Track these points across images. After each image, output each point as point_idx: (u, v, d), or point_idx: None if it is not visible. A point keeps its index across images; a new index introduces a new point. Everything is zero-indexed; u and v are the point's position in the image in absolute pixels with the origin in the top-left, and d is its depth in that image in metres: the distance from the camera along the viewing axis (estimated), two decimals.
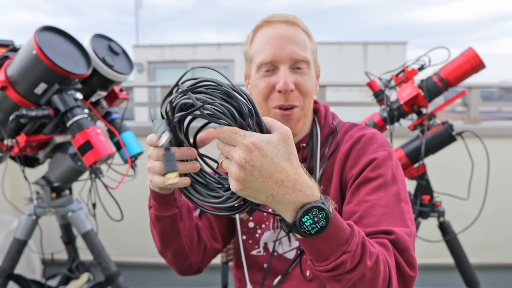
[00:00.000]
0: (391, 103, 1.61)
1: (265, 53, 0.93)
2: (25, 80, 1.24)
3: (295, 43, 0.93)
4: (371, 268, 0.68)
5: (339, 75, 8.66)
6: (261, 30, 0.96)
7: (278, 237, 1.02)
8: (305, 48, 0.94)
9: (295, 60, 0.93)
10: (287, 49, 0.92)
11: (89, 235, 1.59)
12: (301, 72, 0.94)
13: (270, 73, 0.94)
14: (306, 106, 0.96)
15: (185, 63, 8.82)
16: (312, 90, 0.97)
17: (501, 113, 8.32)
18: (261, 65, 0.94)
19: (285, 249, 1.02)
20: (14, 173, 2.13)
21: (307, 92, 0.95)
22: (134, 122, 3.19)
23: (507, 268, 2.41)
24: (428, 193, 1.66)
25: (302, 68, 0.94)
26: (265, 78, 0.94)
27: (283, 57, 0.92)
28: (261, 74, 0.95)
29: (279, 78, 0.92)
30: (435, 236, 1.71)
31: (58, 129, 1.48)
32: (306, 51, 0.94)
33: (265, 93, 0.94)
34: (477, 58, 1.53)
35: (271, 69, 0.94)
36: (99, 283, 1.68)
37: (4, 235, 2.07)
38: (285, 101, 0.93)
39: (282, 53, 0.92)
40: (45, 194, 1.55)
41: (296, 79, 0.93)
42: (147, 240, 2.49)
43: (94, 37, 1.40)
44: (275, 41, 0.93)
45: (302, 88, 0.94)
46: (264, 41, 0.94)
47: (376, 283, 0.69)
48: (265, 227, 1.03)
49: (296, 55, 0.92)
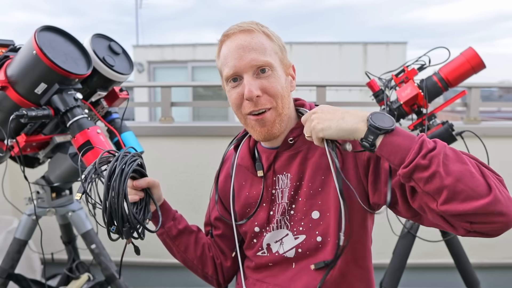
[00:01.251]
0: (391, 103, 1.61)
1: (227, 66, 0.97)
2: (25, 80, 1.24)
3: (253, 50, 0.95)
4: (452, 150, 0.79)
5: (339, 75, 8.66)
6: (223, 45, 1.00)
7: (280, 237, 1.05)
8: (264, 52, 0.96)
9: (256, 66, 0.95)
10: (246, 58, 0.95)
11: (89, 235, 1.59)
12: (266, 76, 0.96)
13: (237, 83, 0.98)
14: (279, 106, 0.98)
15: (185, 63, 8.81)
16: (283, 90, 0.98)
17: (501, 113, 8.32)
18: (227, 78, 0.98)
19: (285, 249, 1.04)
20: (14, 173, 2.13)
21: (276, 93, 0.97)
22: (134, 122, 3.18)
23: (507, 268, 2.41)
24: None
25: (266, 71, 0.96)
26: (234, 89, 0.98)
27: (244, 67, 0.95)
28: (230, 86, 0.99)
29: (244, 87, 0.95)
30: (435, 236, 1.71)
31: (58, 129, 1.48)
32: (266, 55, 0.96)
33: (237, 103, 0.99)
34: (477, 58, 1.53)
35: (237, 79, 0.97)
36: (99, 283, 1.68)
37: (4, 235, 2.07)
38: (255, 106, 0.97)
39: (241, 63, 0.95)
40: (45, 194, 1.55)
41: (262, 83, 0.96)
42: (147, 240, 2.49)
43: (94, 37, 1.40)
44: (234, 53, 0.96)
45: (270, 91, 0.96)
46: (225, 55, 0.98)
47: (463, 160, 0.77)
48: (268, 229, 1.06)
49: (256, 61, 0.95)
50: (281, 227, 1.04)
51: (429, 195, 0.78)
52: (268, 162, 1.05)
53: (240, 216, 1.11)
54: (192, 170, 2.41)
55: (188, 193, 2.41)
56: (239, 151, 1.11)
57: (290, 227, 1.03)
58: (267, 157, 1.05)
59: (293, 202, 1.02)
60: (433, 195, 0.77)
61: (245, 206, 1.09)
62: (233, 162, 1.12)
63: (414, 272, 2.14)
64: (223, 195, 1.15)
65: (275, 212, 1.04)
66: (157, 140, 2.42)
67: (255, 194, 1.07)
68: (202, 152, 2.40)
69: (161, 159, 2.41)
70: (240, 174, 1.11)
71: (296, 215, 1.02)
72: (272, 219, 1.05)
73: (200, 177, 2.39)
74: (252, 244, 1.10)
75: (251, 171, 1.08)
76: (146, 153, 1.66)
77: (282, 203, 1.04)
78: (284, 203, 1.03)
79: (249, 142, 1.10)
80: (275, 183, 1.04)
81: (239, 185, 1.11)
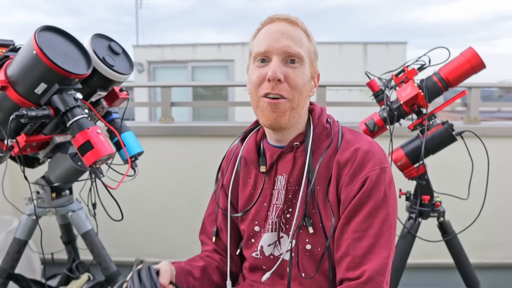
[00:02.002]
0: (391, 103, 1.60)
1: (261, 45, 0.97)
2: (25, 80, 1.24)
3: (290, 38, 0.96)
4: None
5: (339, 75, 8.65)
6: (264, 27, 1.01)
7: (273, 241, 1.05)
8: (300, 45, 0.97)
9: (288, 54, 0.96)
10: (282, 42, 0.96)
11: (89, 235, 1.59)
12: (294, 66, 0.97)
13: (264, 64, 0.98)
14: (295, 100, 0.97)
15: (185, 63, 8.81)
16: (303, 87, 0.98)
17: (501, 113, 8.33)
18: (256, 56, 0.98)
19: (281, 251, 1.04)
20: (14, 173, 2.13)
21: (297, 86, 0.97)
22: (134, 122, 3.18)
23: (507, 268, 2.41)
24: (428, 193, 1.66)
25: (295, 63, 0.97)
26: (259, 69, 0.98)
27: (276, 49, 0.96)
28: (255, 65, 0.99)
29: (270, 68, 0.95)
30: (435, 236, 1.71)
31: (58, 129, 1.48)
32: (301, 48, 0.97)
33: (257, 82, 0.98)
34: (477, 58, 1.53)
35: (265, 60, 0.97)
36: (99, 283, 1.68)
37: (4, 235, 2.07)
38: (272, 89, 0.96)
39: (276, 45, 0.96)
40: (45, 194, 1.55)
41: (287, 71, 0.96)
42: (147, 240, 2.50)
43: (94, 37, 1.40)
44: (272, 35, 0.97)
45: (292, 81, 0.96)
46: (263, 35, 0.99)
47: None
48: (264, 230, 1.06)
49: (290, 48, 0.96)
50: (275, 230, 1.04)
51: None
52: (271, 160, 1.05)
53: (241, 211, 1.10)
54: (192, 170, 2.41)
55: (188, 193, 2.41)
56: (245, 143, 1.11)
57: (285, 230, 1.03)
58: (271, 155, 1.05)
59: (290, 206, 1.03)
60: None
61: (248, 202, 1.09)
62: (238, 153, 1.12)
63: (414, 272, 2.14)
64: (227, 189, 1.14)
65: (271, 213, 1.05)
66: (157, 140, 2.43)
67: (257, 192, 1.07)
68: (202, 152, 2.40)
69: (161, 159, 2.41)
70: (245, 170, 1.11)
71: (292, 219, 1.02)
72: (268, 219, 1.05)
73: (200, 177, 2.39)
74: (249, 244, 1.09)
75: (255, 165, 1.07)
76: (146, 153, 1.66)
77: (278, 205, 1.04)
78: (280, 205, 1.03)
79: (256, 135, 1.10)
80: (275, 183, 1.05)
81: (244, 181, 1.11)
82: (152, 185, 2.41)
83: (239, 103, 5.49)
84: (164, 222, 2.44)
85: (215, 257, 1.15)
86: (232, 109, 8.20)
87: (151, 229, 2.45)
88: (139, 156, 1.59)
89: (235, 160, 1.14)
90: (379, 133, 1.65)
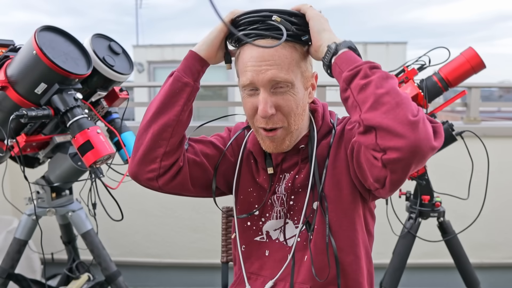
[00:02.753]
0: None
1: (245, 75, 0.93)
2: (25, 80, 1.24)
3: (275, 65, 0.91)
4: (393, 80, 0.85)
5: None
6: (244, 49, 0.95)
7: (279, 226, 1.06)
8: (287, 68, 0.92)
9: (275, 82, 0.92)
10: (266, 73, 0.91)
11: (89, 235, 1.59)
12: (283, 91, 0.93)
13: (253, 92, 0.95)
14: (291, 125, 0.97)
15: None
16: (297, 108, 0.96)
17: (501, 113, 8.33)
18: (243, 86, 0.96)
19: (287, 236, 1.05)
20: (14, 173, 2.13)
21: (289, 112, 0.95)
22: (134, 122, 3.18)
23: (507, 268, 2.41)
24: (428, 193, 1.66)
25: (284, 87, 0.93)
26: (250, 98, 0.96)
27: (262, 81, 0.92)
28: (246, 93, 0.97)
29: (259, 101, 0.93)
30: (435, 236, 1.71)
31: (58, 129, 1.48)
32: (288, 70, 0.92)
33: (250, 113, 0.98)
34: (477, 58, 1.53)
35: (254, 89, 0.95)
36: (99, 283, 1.68)
37: (4, 235, 2.07)
38: (266, 124, 0.95)
39: (260, 77, 0.92)
40: (45, 194, 1.55)
41: (277, 101, 0.93)
42: (147, 240, 2.50)
43: (94, 37, 1.40)
44: (254, 64, 0.92)
45: (284, 109, 0.95)
46: (245, 64, 0.94)
47: (397, 91, 0.82)
48: (268, 216, 1.07)
49: (276, 77, 0.91)
50: (281, 217, 1.05)
51: (357, 106, 0.84)
52: (275, 161, 1.06)
53: (241, 201, 1.10)
54: None
55: None
56: (250, 134, 1.10)
57: (290, 216, 1.04)
58: (275, 157, 1.06)
59: (292, 193, 1.04)
60: (361, 104, 0.83)
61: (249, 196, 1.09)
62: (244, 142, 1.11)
63: (414, 272, 2.14)
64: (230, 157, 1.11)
65: (274, 201, 1.06)
66: None
67: (258, 187, 1.08)
68: None
69: None
70: (250, 163, 1.10)
71: (297, 205, 1.03)
72: (273, 207, 1.06)
73: None
74: (246, 227, 1.09)
75: (262, 165, 1.08)
76: None
77: (279, 194, 1.05)
78: (281, 194, 1.05)
79: None
80: (280, 179, 1.06)
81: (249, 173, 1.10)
82: None
83: (239, 103, 5.50)
84: (164, 222, 2.44)
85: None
86: (232, 109, 8.19)
87: (151, 229, 2.45)
88: None
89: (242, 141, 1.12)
90: None
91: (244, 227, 1.10)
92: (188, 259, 2.44)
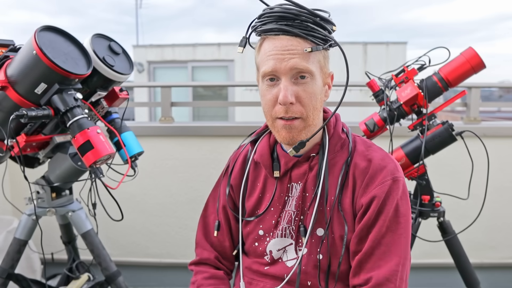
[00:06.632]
0: (391, 103, 1.60)
1: (267, 64, 0.94)
2: (25, 80, 1.24)
3: (297, 54, 0.92)
4: None
5: (339, 75, 8.60)
6: (267, 40, 0.96)
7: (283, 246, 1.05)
8: (308, 58, 0.93)
9: (297, 71, 0.93)
10: (288, 61, 0.92)
11: (89, 235, 1.59)
12: (304, 82, 0.94)
13: (274, 83, 0.95)
14: (309, 118, 0.97)
15: (185, 63, 8.80)
16: (316, 101, 0.97)
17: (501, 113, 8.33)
18: (264, 75, 0.96)
19: (288, 258, 1.04)
20: (14, 173, 2.13)
21: (309, 104, 0.95)
22: (134, 122, 3.18)
23: (507, 268, 2.41)
24: (428, 193, 1.66)
25: (305, 78, 0.94)
26: (270, 88, 0.96)
27: (284, 69, 0.93)
28: (266, 85, 0.97)
29: (280, 90, 0.94)
30: (435, 236, 1.71)
31: (58, 129, 1.48)
32: (309, 61, 0.93)
33: (270, 105, 0.97)
34: (477, 58, 1.53)
35: (274, 79, 0.95)
36: (99, 283, 1.68)
37: (4, 235, 2.07)
38: (285, 113, 0.95)
39: (282, 65, 0.92)
40: (45, 194, 1.55)
41: (298, 91, 0.94)
42: (147, 240, 2.50)
43: (94, 37, 1.40)
44: (277, 52, 0.93)
45: (304, 100, 0.94)
46: (267, 52, 0.95)
47: None
48: (272, 235, 1.05)
49: (297, 65, 0.92)
50: (286, 235, 1.04)
51: None
52: (286, 167, 1.04)
53: (248, 215, 1.10)
54: (192, 170, 2.41)
55: (188, 193, 2.41)
56: (257, 146, 1.10)
57: (294, 237, 1.03)
58: (286, 162, 1.04)
59: (302, 213, 1.03)
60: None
61: (256, 206, 1.08)
62: (249, 157, 1.11)
63: (414, 272, 2.13)
64: (236, 189, 1.13)
65: (282, 219, 1.04)
66: (157, 140, 2.43)
67: (268, 197, 1.06)
68: (202, 152, 2.40)
69: (161, 159, 2.41)
70: (255, 173, 1.10)
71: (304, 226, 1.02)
72: (278, 225, 1.05)
73: (200, 177, 2.39)
74: (253, 248, 1.09)
75: (268, 171, 1.06)
76: (146, 153, 1.66)
77: (289, 211, 1.03)
78: (291, 211, 1.03)
79: (269, 139, 1.09)
80: (288, 190, 1.04)
81: (252, 184, 1.10)
82: (152, 185, 2.41)
83: (239, 103, 5.52)
84: (164, 222, 2.44)
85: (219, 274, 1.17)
86: (232, 109, 8.21)
87: (151, 229, 2.45)
88: (139, 156, 1.59)
89: (244, 161, 1.13)
90: (379, 133, 1.65)
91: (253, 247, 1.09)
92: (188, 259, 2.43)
